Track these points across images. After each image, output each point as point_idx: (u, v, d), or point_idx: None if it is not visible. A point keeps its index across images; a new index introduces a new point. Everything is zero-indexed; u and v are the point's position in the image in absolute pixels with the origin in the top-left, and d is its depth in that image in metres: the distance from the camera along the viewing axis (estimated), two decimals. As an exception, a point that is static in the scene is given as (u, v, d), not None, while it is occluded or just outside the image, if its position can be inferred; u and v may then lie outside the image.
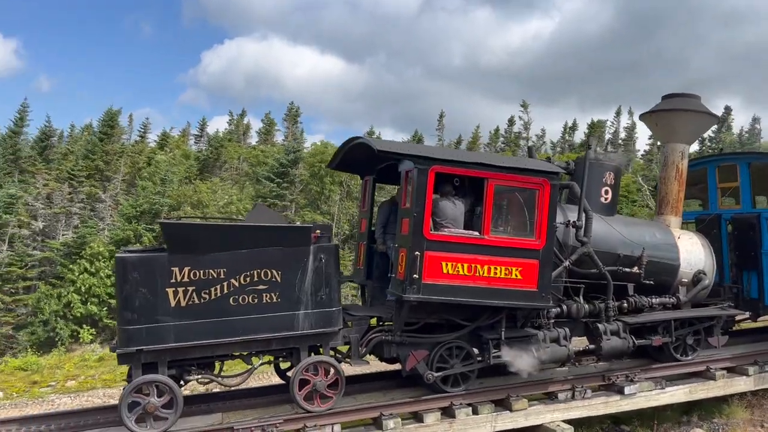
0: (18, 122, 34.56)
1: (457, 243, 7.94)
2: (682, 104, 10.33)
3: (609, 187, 9.67)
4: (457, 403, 8.30)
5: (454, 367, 8.42)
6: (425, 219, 7.76)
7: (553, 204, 8.27)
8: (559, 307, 8.95)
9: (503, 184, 8.20)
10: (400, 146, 8.16)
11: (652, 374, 9.32)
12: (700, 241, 10.12)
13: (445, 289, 7.86)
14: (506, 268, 8.10)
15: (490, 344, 8.43)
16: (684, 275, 9.78)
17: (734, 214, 10.65)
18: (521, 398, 8.51)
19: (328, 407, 7.92)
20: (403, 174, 8.11)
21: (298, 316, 7.80)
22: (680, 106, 10.32)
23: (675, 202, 10.37)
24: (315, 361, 7.90)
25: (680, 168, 10.40)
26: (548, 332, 8.71)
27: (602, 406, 8.87)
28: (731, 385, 9.54)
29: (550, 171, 8.26)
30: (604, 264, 9.20)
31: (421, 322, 8.38)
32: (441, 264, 7.85)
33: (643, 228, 9.78)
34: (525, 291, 8.17)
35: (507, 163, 8.18)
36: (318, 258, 7.88)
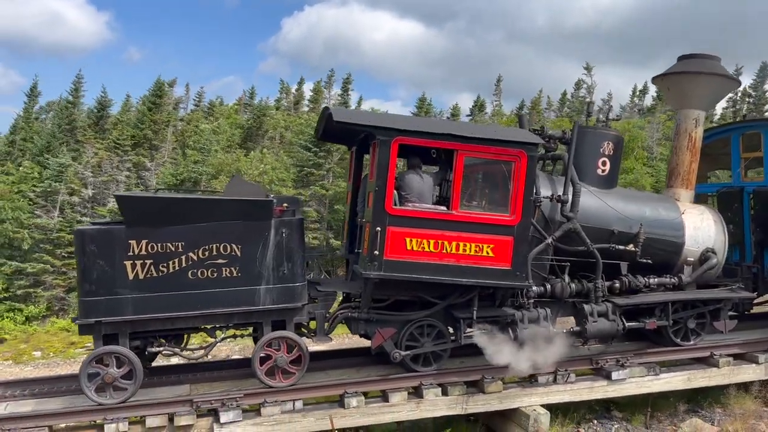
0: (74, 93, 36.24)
1: (422, 218, 7.59)
2: (698, 66, 9.40)
3: (607, 158, 8.98)
4: (427, 383, 8.07)
5: (424, 345, 8.15)
6: (387, 193, 7.45)
7: (530, 177, 7.75)
8: (543, 286, 8.47)
9: (474, 156, 7.75)
10: (359, 116, 7.83)
11: (647, 359, 8.74)
12: (711, 216, 9.29)
13: (409, 267, 7.55)
14: (477, 245, 7.70)
15: (462, 323, 8.09)
16: (690, 254, 9.03)
17: (756, 187, 9.70)
18: (496, 380, 8.18)
19: (290, 383, 7.86)
20: (372, 145, 7.80)
21: (259, 291, 7.71)
22: (695, 68, 9.40)
23: (686, 173, 9.53)
24: (276, 336, 7.82)
25: (693, 137, 9.52)
26: (528, 312, 8.27)
27: (587, 391, 8.41)
28: (737, 373, 8.83)
29: (527, 142, 7.72)
30: (597, 241, 8.62)
31: (391, 299, 8.14)
32: (405, 240, 7.54)
33: (645, 202, 9.06)
34: (497, 269, 7.76)
35: (478, 133, 7.69)
36: (280, 232, 7.73)
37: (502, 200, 7.84)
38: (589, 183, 8.94)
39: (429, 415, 8.03)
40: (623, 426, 8.60)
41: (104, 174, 27.07)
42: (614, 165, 9.06)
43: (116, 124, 34.25)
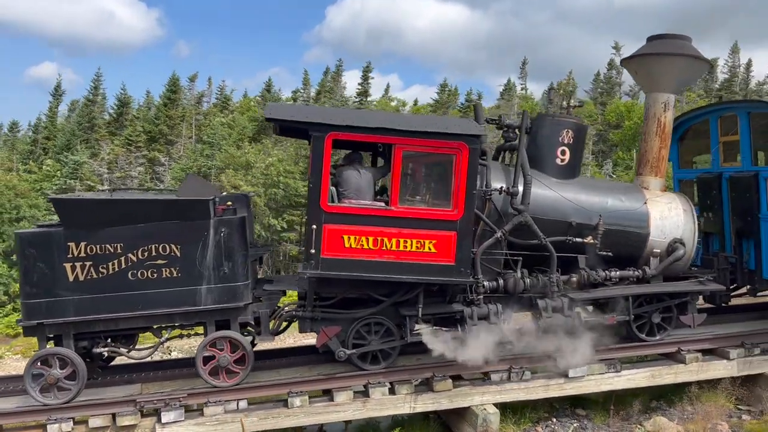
0: (93, 91, 37.06)
1: (360, 215, 7.44)
2: (666, 47, 8.93)
3: (566, 147, 8.64)
4: (375, 382, 7.95)
5: (371, 344, 8.03)
6: (322, 190, 7.32)
7: (472, 170, 7.51)
8: (495, 281, 8.24)
9: (413, 150, 7.54)
10: (293, 112, 7.68)
11: (609, 355, 8.42)
12: (680, 205, 8.85)
13: (347, 264, 7.42)
14: (418, 241, 7.52)
15: (408, 321, 7.93)
16: (656, 245, 8.64)
17: (734, 172, 9.19)
18: (445, 378, 8.01)
19: (234, 383, 7.85)
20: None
21: (200, 291, 7.70)
22: (664, 49, 8.94)
23: (655, 161, 9.09)
24: (219, 336, 7.81)
25: (662, 121, 9.07)
26: (477, 309, 8.05)
27: (542, 389, 8.16)
28: (707, 369, 8.43)
29: (468, 133, 7.47)
30: (555, 233, 8.34)
31: (338, 296, 8.03)
32: (342, 237, 7.41)
33: (607, 192, 8.69)
34: (440, 265, 7.57)
35: (415, 126, 7.47)
36: (219, 232, 7.70)
37: (444, 194, 7.63)
38: (548, 173, 8.64)
39: (376, 414, 7.93)
40: (582, 424, 8.31)
41: (119, 170, 27.69)
42: (575, 154, 8.72)
43: (132, 121, 34.88)
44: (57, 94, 39.63)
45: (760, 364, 8.48)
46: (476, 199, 8.07)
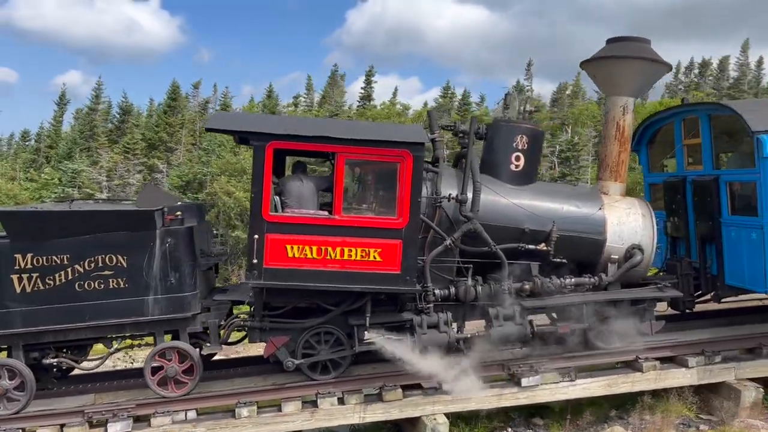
0: (94, 99, 37.53)
1: (302, 224, 7.44)
2: (625, 50, 8.82)
3: (521, 153, 8.56)
4: (324, 392, 7.92)
5: (321, 353, 8.01)
6: (264, 199, 7.33)
7: (417, 177, 7.48)
8: (447, 290, 8.18)
9: (356, 158, 7.53)
10: (233, 121, 7.70)
11: (564, 364, 8.31)
12: (640, 210, 8.72)
13: (290, 274, 7.42)
14: (363, 250, 7.49)
15: (356, 330, 7.90)
16: (613, 251, 8.52)
17: (696, 176, 9.04)
18: (396, 388, 7.96)
19: (183, 393, 7.86)
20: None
21: (147, 302, 7.74)
22: (623, 52, 8.82)
23: (615, 165, 8.97)
24: (166, 347, 7.84)
25: (621, 125, 8.95)
26: (427, 317, 7.99)
27: (495, 398, 8.07)
28: (664, 378, 8.29)
29: (411, 141, 7.43)
30: (508, 240, 8.27)
31: (287, 306, 8.03)
32: (285, 247, 7.41)
33: (563, 198, 8.59)
34: (386, 274, 7.54)
35: (358, 134, 7.45)
36: (165, 242, 7.73)
37: (389, 202, 7.61)
38: (502, 179, 8.58)
39: (325, 424, 7.90)
40: (537, 434, 8.22)
41: (118, 178, 27.99)
42: (530, 160, 8.64)
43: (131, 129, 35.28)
44: (62, 102, 40.36)
45: (721, 372, 8.32)
46: (427, 206, 8.11)
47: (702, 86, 53.16)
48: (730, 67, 63.65)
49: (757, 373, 8.36)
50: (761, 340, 8.55)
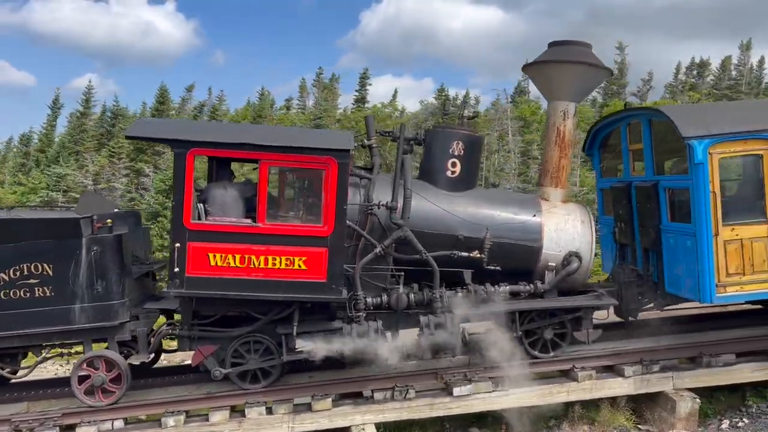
0: (85, 104, 37.70)
1: (225, 233, 7.41)
2: (566, 54, 8.75)
3: (457, 159, 8.51)
4: (253, 401, 7.88)
5: (250, 362, 7.97)
6: (185, 207, 7.31)
7: (342, 185, 7.44)
8: (379, 298, 8.12)
9: (279, 165, 7.50)
10: (154, 128, 7.68)
11: (497, 373, 8.22)
12: (579, 216, 8.64)
13: (213, 283, 7.40)
14: (287, 258, 7.46)
15: (284, 339, 7.86)
16: (550, 258, 8.44)
17: (638, 182, 8.94)
18: (326, 397, 7.91)
19: (110, 402, 7.84)
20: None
21: (74, 310, 7.74)
22: (563, 56, 8.76)
23: (555, 171, 8.89)
24: (93, 356, 7.83)
25: (562, 131, 8.87)
26: (357, 326, 7.93)
27: (427, 408, 8.01)
28: (601, 387, 8.19)
29: (336, 148, 7.39)
30: (442, 247, 8.22)
31: (217, 314, 7.99)
32: (208, 256, 7.38)
33: (499, 205, 8.52)
34: (311, 282, 7.51)
35: (281, 141, 7.42)
36: (91, 250, 7.72)
37: (314, 210, 7.57)
38: (439, 186, 8.54)
39: (253, 434, 7.84)
40: (472, 444, 8.14)
41: (105, 181, 28.10)
42: (467, 166, 8.58)
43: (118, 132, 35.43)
44: (55, 107, 40.62)
45: (659, 382, 8.22)
46: (359, 213, 8.08)
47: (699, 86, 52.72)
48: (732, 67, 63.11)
49: (697, 383, 8.25)
50: (702, 349, 8.42)
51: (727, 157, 7.67)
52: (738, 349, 8.52)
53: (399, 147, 8.22)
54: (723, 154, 7.63)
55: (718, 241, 7.63)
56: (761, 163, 7.66)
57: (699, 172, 7.57)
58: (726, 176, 7.73)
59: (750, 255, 7.69)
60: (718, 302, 7.83)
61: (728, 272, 7.68)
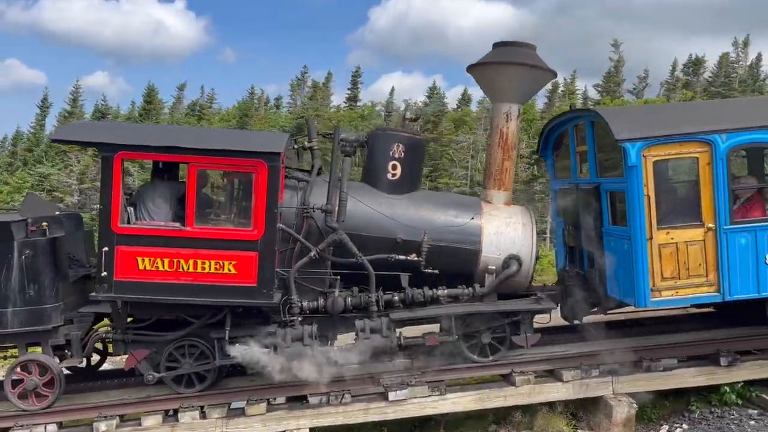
0: (72, 103, 37.77)
1: (153, 236, 7.39)
2: (509, 56, 8.70)
3: (398, 161, 8.47)
4: (187, 405, 7.87)
5: (184, 366, 7.96)
6: (113, 211, 7.31)
7: (272, 188, 7.42)
8: (316, 301, 8.09)
9: (208, 168, 7.48)
10: (81, 132, 7.67)
11: (435, 377, 8.19)
12: (520, 219, 8.59)
13: (142, 287, 7.40)
14: (217, 263, 7.45)
15: (216, 343, 7.84)
16: (490, 261, 8.40)
17: (583, 184, 8.89)
18: (260, 402, 7.89)
19: (43, 406, 7.84)
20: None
21: (6, 314, 7.73)
22: (507, 58, 8.70)
23: (498, 173, 8.84)
24: (26, 359, 7.83)
25: (505, 133, 8.83)
26: (292, 330, 7.91)
27: (362, 413, 7.98)
28: (539, 392, 8.15)
29: (266, 151, 7.36)
30: (380, 251, 8.19)
31: (152, 318, 7.98)
32: (136, 260, 7.37)
33: (439, 208, 8.48)
34: (241, 287, 7.49)
35: (209, 144, 7.41)
36: (23, 254, 7.71)
37: (244, 214, 7.55)
38: (380, 188, 8.53)
39: (186, 438, 7.83)
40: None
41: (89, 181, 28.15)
42: (408, 168, 8.54)
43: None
44: (44, 106, 40.71)
45: (598, 386, 8.17)
46: (296, 216, 8.06)
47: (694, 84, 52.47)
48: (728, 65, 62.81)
49: (635, 388, 8.21)
50: (642, 354, 8.37)
51: (662, 160, 7.61)
52: (680, 353, 8.47)
53: (334, 150, 8.19)
54: (657, 156, 7.57)
55: (653, 245, 7.57)
56: (697, 166, 7.60)
57: (633, 175, 7.51)
58: (661, 179, 7.64)
59: (685, 259, 7.63)
60: (652, 306, 7.78)
61: (663, 276, 7.63)
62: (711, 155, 7.52)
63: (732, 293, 7.63)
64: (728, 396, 8.39)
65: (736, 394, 8.42)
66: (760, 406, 8.40)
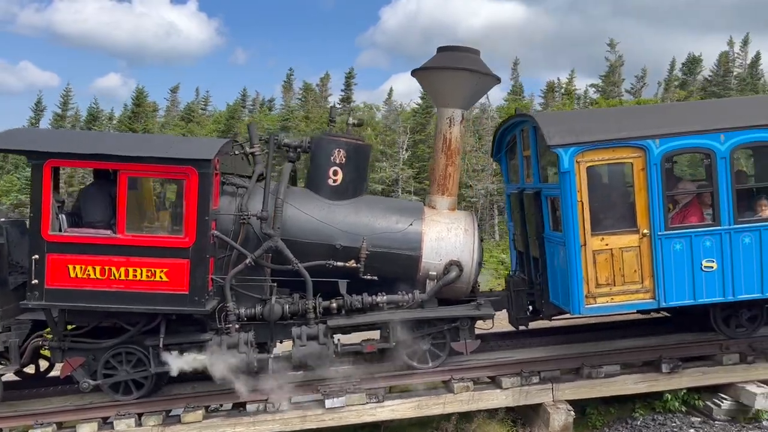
0: (63, 106, 37.94)
1: (84, 244, 7.41)
2: (453, 61, 8.67)
3: (338, 167, 8.46)
4: (124, 413, 7.87)
5: (120, 373, 7.97)
6: (43, 219, 7.34)
7: (203, 195, 7.42)
8: (253, 308, 8.09)
9: (139, 175, 7.49)
10: (8, 140, 7.67)
11: (374, 384, 8.17)
12: (462, 225, 8.55)
13: (73, 295, 7.43)
14: (149, 270, 7.47)
15: (151, 351, 7.85)
16: (431, 267, 8.37)
17: (528, 189, 8.84)
18: (196, 409, 7.89)
19: (-25, 414, 7.86)
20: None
21: (-58, 322, 7.77)
22: (450, 63, 8.67)
23: (441, 178, 8.82)
24: (-40, 367, 7.85)
25: (448, 138, 8.80)
26: (227, 338, 7.90)
27: (298, 421, 7.97)
28: (478, 399, 8.11)
29: (196, 158, 7.36)
30: (320, 257, 8.18)
31: (89, 326, 7.99)
32: (67, 267, 7.38)
33: (380, 213, 8.46)
34: (173, 294, 7.51)
35: (139, 151, 7.40)
36: None
37: (176, 221, 7.56)
38: (321, 194, 8.52)
39: (121, 446, 7.83)
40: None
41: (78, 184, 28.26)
42: (350, 174, 8.52)
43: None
44: (38, 109, 40.91)
45: (538, 393, 8.13)
46: (234, 223, 8.06)
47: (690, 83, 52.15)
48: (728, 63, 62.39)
49: (576, 395, 8.17)
50: (584, 360, 8.31)
51: (596, 166, 7.57)
52: (623, 360, 8.41)
53: (269, 156, 8.18)
54: (591, 162, 7.53)
55: (587, 251, 7.53)
56: (631, 171, 7.55)
57: (566, 181, 7.47)
58: (595, 185, 7.60)
59: (621, 265, 7.59)
60: (587, 313, 7.73)
61: (598, 283, 7.59)
62: (645, 160, 7.47)
63: (667, 300, 7.58)
64: (671, 403, 8.33)
65: (679, 401, 8.36)
66: (703, 414, 8.35)
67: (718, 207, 7.52)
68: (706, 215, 7.79)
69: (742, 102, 12.52)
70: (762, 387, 8.07)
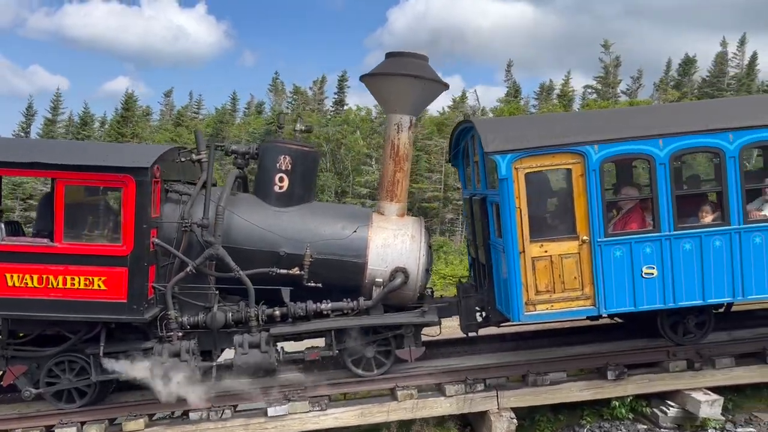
0: (53, 111, 38.07)
1: (21, 253, 7.43)
2: (401, 67, 8.65)
3: (284, 174, 8.45)
4: (66, 421, 7.87)
5: (63, 381, 7.98)
6: (-20, 229, 7.32)
7: (141, 203, 7.44)
8: (196, 316, 8.08)
9: (76, 184, 7.50)
10: None
11: (318, 392, 8.15)
12: (410, 232, 8.53)
13: (11, 304, 7.45)
14: (86, 278, 7.49)
15: (92, 359, 7.85)
16: (377, 274, 8.34)
17: (476, 195, 8.82)
18: (138, 417, 7.89)
19: (-74, 422, 7.86)
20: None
21: None
22: (398, 69, 8.65)
23: (390, 184, 8.80)
24: None
25: (396, 144, 8.78)
26: (169, 346, 7.90)
27: (241, 429, 7.95)
28: (422, 407, 8.08)
29: (132, 166, 7.37)
30: (264, 264, 8.19)
31: (33, 334, 8.00)
32: (5, 276, 7.40)
33: (326, 220, 8.44)
34: (111, 303, 7.54)
35: (75, 159, 7.42)
36: None
37: (114, 229, 7.56)
38: (268, 201, 8.53)
39: (62, 455, 7.83)
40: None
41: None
42: (296, 180, 8.51)
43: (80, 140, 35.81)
44: (29, 114, 41.08)
45: (483, 401, 8.10)
46: (177, 231, 8.06)
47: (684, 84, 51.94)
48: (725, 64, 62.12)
49: (521, 402, 8.14)
50: (529, 368, 8.28)
51: (534, 172, 7.54)
52: (569, 367, 8.38)
53: (209, 161, 8.20)
54: (529, 168, 7.51)
55: (526, 258, 7.50)
56: (570, 177, 7.52)
57: (504, 187, 7.45)
58: (534, 191, 7.57)
59: (560, 272, 7.56)
60: (527, 321, 7.71)
61: (537, 290, 7.57)
62: (584, 166, 7.45)
63: (608, 307, 7.56)
64: (618, 410, 8.28)
65: (626, 408, 8.31)
66: (650, 421, 8.30)
67: (658, 213, 7.49)
68: (648, 221, 7.76)
69: (685, 106, 12.50)
70: (708, 394, 8.03)
